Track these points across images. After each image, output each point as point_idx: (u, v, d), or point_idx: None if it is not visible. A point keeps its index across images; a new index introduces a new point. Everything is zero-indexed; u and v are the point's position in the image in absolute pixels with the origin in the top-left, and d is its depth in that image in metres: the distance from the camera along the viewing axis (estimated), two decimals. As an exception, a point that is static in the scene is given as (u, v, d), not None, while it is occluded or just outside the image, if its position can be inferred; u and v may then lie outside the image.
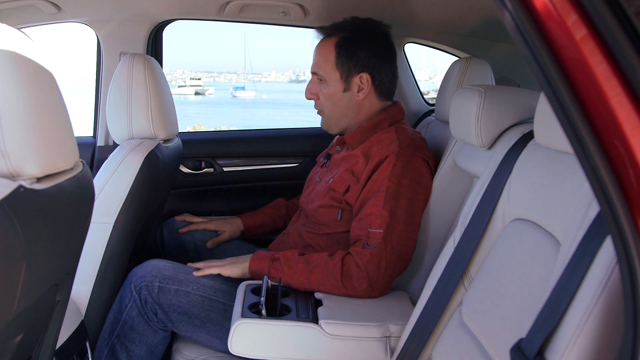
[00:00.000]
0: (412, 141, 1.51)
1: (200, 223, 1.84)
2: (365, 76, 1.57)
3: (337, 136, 1.71)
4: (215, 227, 1.83)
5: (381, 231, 1.37)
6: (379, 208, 1.40)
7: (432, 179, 1.52)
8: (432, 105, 2.40)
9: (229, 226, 1.84)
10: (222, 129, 8.19)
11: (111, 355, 1.44)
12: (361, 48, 1.57)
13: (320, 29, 1.65)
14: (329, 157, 1.70)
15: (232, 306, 1.41)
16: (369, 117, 1.60)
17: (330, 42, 1.59)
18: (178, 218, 1.87)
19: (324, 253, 1.42)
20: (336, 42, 1.58)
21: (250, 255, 1.47)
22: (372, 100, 1.60)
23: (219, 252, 1.82)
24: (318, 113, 1.66)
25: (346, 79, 1.58)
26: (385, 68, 1.60)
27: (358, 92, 1.58)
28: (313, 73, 1.63)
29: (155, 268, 1.44)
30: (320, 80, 1.61)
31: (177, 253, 1.84)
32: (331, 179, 1.56)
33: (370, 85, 1.58)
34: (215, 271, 1.46)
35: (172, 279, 1.42)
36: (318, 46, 1.63)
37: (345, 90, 1.58)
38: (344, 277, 1.36)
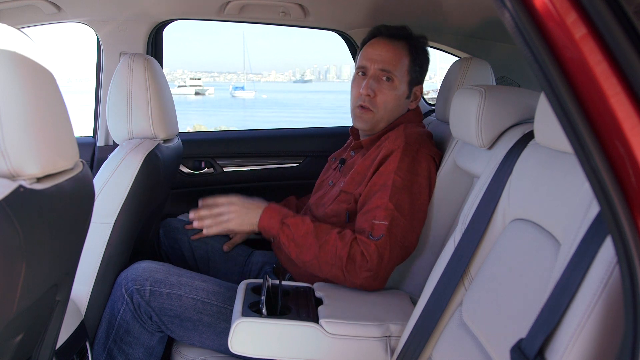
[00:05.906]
0: (418, 137, 1.52)
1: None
2: (420, 88, 1.64)
3: (351, 140, 1.72)
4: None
5: (386, 223, 1.37)
6: (384, 201, 1.40)
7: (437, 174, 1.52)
8: (433, 105, 2.41)
9: None
10: (222, 129, 8.20)
11: (109, 359, 1.44)
12: (426, 61, 1.63)
13: (385, 27, 1.62)
14: (343, 162, 1.69)
15: (226, 308, 1.42)
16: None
17: (403, 45, 1.59)
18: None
19: (333, 229, 1.40)
20: (410, 48, 1.59)
21: (259, 209, 1.46)
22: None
23: (214, 251, 1.82)
24: (363, 110, 1.58)
25: (411, 86, 1.61)
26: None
27: (412, 101, 1.63)
28: (382, 70, 1.56)
29: (146, 271, 1.43)
30: (387, 79, 1.57)
31: (173, 253, 1.83)
32: (343, 182, 1.57)
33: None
34: (218, 230, 1.46)
35: (164, 282, 1.41)
36: (390, 45, 1.58)
37: (407, 96, 1.61)
38: (349, 261, 1.35)
